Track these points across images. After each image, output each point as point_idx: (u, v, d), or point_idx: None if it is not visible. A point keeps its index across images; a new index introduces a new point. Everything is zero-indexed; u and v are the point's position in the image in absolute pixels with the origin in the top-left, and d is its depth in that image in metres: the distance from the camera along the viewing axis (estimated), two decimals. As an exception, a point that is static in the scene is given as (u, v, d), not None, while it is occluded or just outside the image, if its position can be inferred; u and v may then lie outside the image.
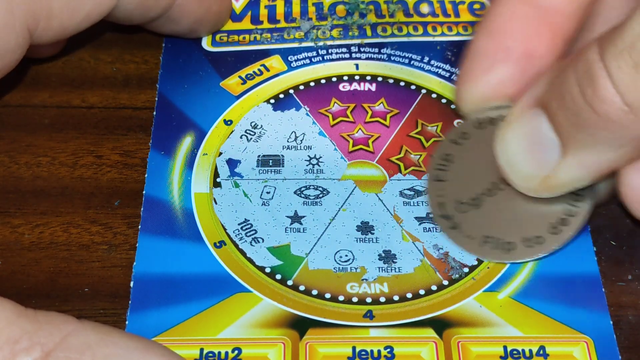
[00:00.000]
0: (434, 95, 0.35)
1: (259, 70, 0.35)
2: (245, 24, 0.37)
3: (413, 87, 0.35)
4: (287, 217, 0.31)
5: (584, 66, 0.24)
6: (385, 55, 0.36)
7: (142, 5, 0.32)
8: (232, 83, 0.35)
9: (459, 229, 0.29)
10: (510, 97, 0.29)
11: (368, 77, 0.35)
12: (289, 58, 0.36)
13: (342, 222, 0.31)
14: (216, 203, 0.31)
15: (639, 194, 0.27)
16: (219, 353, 0.27)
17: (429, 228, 0.31)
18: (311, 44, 0.36)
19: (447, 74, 0.35)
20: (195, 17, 0.35)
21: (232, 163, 0.33)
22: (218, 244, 0.30)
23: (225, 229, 0.31)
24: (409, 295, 0.29)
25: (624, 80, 0.24)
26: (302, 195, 0.32)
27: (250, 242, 0.30)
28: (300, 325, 0.28)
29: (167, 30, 0.35)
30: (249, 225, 0.31)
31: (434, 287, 0.29)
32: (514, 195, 0.29)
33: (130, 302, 0.29)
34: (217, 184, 0.32)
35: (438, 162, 0.31)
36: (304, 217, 0.31)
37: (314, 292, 0.29)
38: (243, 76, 0.35)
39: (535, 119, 0.27)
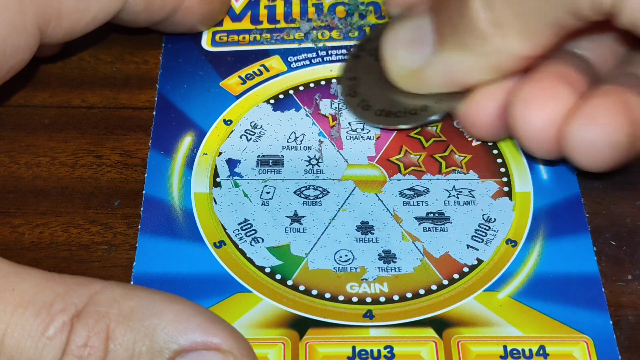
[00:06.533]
0: (433, 96, 0.35)
1: (258, 70, 0.35)
2: (245, 24, 0.37)
3: (413, 87, 0.35)
4: (287, 217, 0.31)
5: None
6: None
7: (148, 9, 0.33)
8: (231, 83, 0.35)
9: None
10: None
11: (368, 78, 0.35)
12: (288, 59, 0.36)
13: (342, 222, 0.31)
14: (216, 203, 0.31)
15: (582, 146, 0.28)
16: (219, 353, 0.27)
17: (429, 228, 0.31)
18: (311, 44, 0.36)
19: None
20: (199, 18, 0.35)
21: (231, 163, 0.33)
22: (218, 244, 0.30)
23: (225, 229, 0.31)
24: (409, 295, 0.29)
25: None
26: (302, 196, 0.32)
27: (250, 242, 0.30)
28: (300, 325, 0.28)
29: (169, 30, 0.35)
30: (249, 225, 0.31)
31: (433, 287, 0.29)
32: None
33: (130, 301, 0.29)
34: (217, 184, 0.32)
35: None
36: (303, 217, 0.31)
37: (314, 292, 0.29)
38: (243, 76, 0.35)
39: (423, 19, 0.31)
